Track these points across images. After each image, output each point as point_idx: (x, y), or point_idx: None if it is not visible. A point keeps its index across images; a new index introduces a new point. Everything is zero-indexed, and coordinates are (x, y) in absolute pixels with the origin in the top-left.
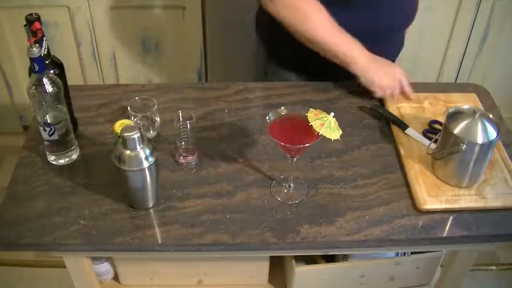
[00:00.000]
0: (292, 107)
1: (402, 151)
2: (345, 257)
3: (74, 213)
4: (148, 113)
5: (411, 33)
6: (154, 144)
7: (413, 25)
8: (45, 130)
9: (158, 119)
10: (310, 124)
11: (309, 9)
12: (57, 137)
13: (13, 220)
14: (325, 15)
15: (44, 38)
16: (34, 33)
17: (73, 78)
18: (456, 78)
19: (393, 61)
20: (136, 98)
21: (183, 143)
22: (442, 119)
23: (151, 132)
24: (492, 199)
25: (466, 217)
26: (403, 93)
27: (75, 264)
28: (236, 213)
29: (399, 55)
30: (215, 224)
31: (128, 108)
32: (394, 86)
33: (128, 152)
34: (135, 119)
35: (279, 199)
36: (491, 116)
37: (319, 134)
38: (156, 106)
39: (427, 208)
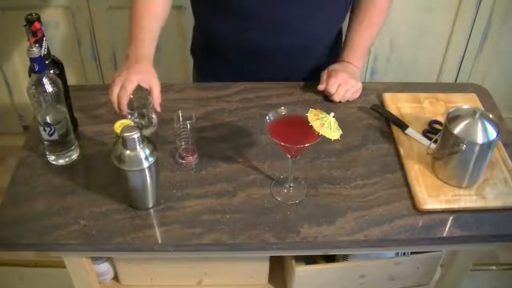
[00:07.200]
0: (292, 107)
1: (402, 151)
2: (345, 257)
3: (74, 213)
4: (144, 110)
5: (411, 33)
6: (154, 144)
7: (413, 25)
8: (45, 130)
9: (154, 116)
10: (310, 124)
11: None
12: (57, 137)
13: (13, 220)
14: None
15: (44, 38)
16: (34, 33)
17: (73, 78)
18: (456, 78)
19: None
20: (131, 97)
21: (183, 143)
22: (442, 119)
23: (148, 130)
24: (492, 199)
25: (466, 217)
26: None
27: (75, 264)
28: (236, 213)
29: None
30: (215, 224)
31: None
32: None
33: (128, 152)
34: (131, 118)
35: (279, 199)
36: (491, 116)
37: (319, 134)
38: (150, 103)
39: (427, 208)
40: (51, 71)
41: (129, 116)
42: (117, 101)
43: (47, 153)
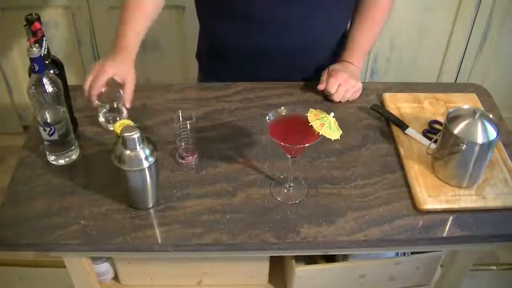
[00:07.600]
0: (292, 107)
1: (402, 151)
2: (345, 257)
3: (74, 213)
4: (114, 103)
5: (411, 33)
6: (154, 144)
7: (413, 25)
8: (45, 130)
9: (125, 111)
10: (310, 124)
11: None
12: (57, 137)
13: (13, 220)
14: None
15: (44, 38)
16: (34, 33)
17: (73, 78)
18: (456, 78)
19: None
20: (104, 90)
21: (183, 143)
22: (442, 119)
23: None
24: (492, 199)
25: (466, 217)
26: None
27: (75, 264)
28: (236, 213)
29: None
30: (215, 224)
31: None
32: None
33: (128, 152)
34: (102, 109)
35: (279, 199)
36: (491, 116)
37: (319, 134)
38: (121, 97)
39: (427, 208)
40: (51, 71)
41: (100, 107)
42: (88, 91)
43: (47, 153)
